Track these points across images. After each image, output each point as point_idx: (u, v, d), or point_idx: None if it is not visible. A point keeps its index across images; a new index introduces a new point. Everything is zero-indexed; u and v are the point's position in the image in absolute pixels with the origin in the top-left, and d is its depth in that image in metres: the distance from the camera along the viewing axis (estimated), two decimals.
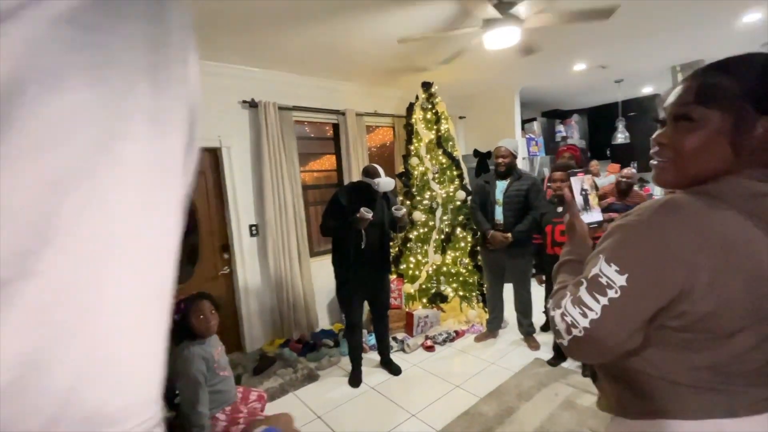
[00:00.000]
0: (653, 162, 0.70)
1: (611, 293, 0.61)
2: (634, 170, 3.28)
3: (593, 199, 0.90)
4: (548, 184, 3.35)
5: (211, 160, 3.17)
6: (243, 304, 3.27)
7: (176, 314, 1.72)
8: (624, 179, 3.23)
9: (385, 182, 2.53)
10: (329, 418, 2.36)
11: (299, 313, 3.43)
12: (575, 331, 0.64)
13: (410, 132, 3.74)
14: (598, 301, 0.62)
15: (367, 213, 2.42)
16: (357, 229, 2.50)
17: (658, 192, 5.59)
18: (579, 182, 0.90)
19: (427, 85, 3.64)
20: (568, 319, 0.65)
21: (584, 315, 0.63)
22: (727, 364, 0.59)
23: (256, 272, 3.33)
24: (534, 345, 3.05)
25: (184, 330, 1.72)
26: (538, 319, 3.28)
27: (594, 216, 0.89)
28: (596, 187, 0.93)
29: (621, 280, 0.60)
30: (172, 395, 1.76)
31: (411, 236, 3.67)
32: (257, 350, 3.30)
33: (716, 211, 0.58)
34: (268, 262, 3.30)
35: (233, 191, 3.19)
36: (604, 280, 0.62)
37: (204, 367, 1.69)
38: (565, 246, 0.87)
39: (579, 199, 0.89)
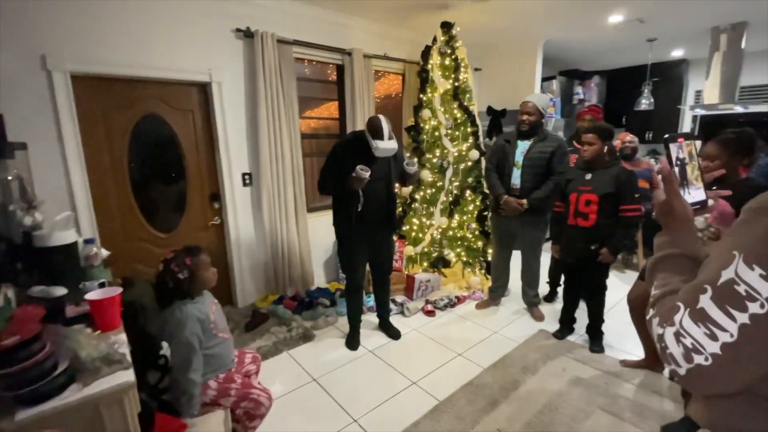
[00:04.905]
0: None
1: (754, 307, 0.45)
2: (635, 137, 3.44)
3: (692, 172, 0.68)
4: (575, 148, 3.10)
5: (200, 97, 2.80)
6: (235, 257, 3.06)
7: (183, 272, 1.49)
8: (628, 144, 3.33)
9: (384, 148, 2.13)
10: (325, 381, 2.25)
11: (294, 269, 3.25)
12: (699, 359, 0.49)
13: (424, 80, 3.37)
14: (734, 319, 0.47)
15: (363, 172, 2.09)
16: (353, 190, 2.21)
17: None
18: (677, 150, 0.68)
19: (447, 26, 3.22)
20: (688, 341, 0.50)
21: (713, 337, 0.48)
22: None
23: (250, 224, 3.10)
24: (538, 315, 2.96)
25: (173, 290, 1.50)
26: (542, 289, 3.17)
27: (695, 194, 0.68)
28: (698, 157, 0.70)
29: None
30: (156, 357, 1.58)
31: (416, 196, 3.43)
32: (249, 306, 3.14)
33: None
34: (262, 214, 3.06)
35: (224, 134, 2.85)
36: (742, 289, 0.46)
37: (199, 329, 1.51)
38: (659, 235, 0.68)
39: (675, 172, 0.68)
